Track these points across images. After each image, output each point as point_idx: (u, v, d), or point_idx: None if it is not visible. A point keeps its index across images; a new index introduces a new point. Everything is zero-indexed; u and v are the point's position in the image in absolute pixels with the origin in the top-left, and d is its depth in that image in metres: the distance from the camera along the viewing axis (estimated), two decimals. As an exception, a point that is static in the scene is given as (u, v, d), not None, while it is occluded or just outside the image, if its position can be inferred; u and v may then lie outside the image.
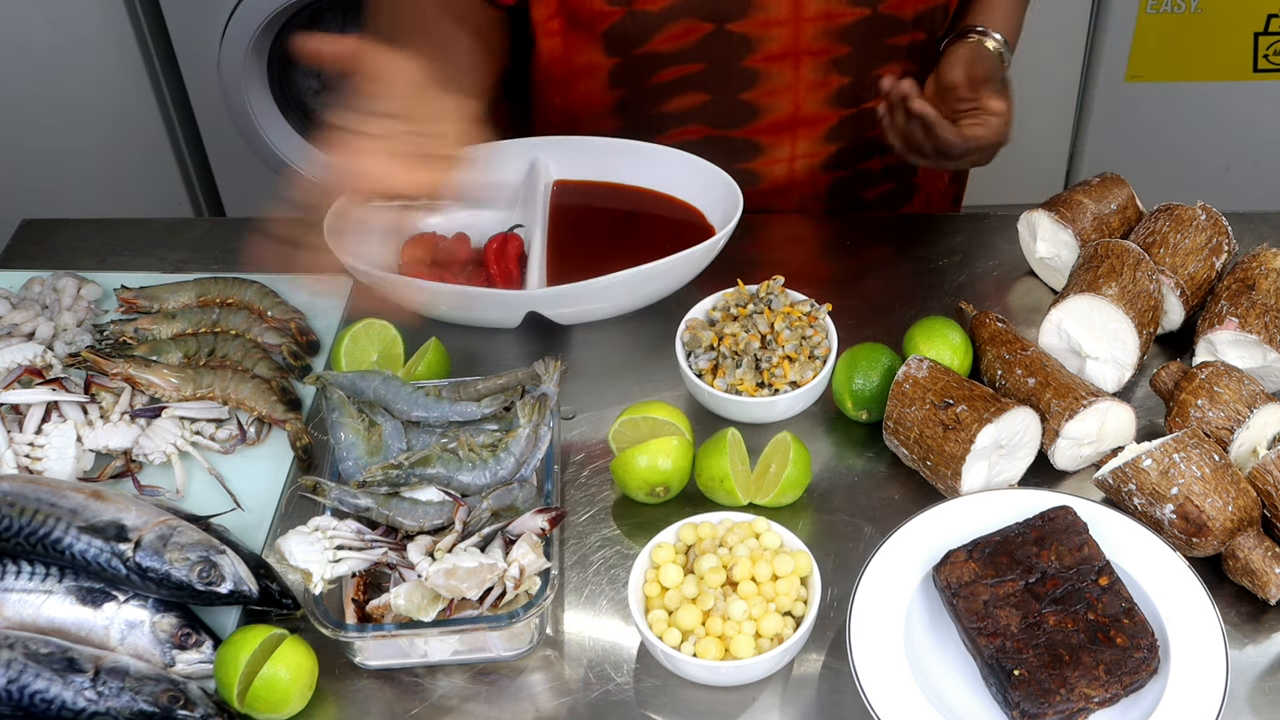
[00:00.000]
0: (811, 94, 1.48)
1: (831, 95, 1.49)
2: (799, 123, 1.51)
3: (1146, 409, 1.30)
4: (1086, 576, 1.09)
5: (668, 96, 1.49)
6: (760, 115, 1.50)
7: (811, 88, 1.48)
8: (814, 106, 1.50)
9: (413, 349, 1.36)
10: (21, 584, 1.12)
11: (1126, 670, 1.04)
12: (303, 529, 1.11)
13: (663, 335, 1.40)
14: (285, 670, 1.07)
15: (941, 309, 1.44)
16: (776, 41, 1.44)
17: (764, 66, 1.45)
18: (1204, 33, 2.75)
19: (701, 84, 1.47)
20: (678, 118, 1.51)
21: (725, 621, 1.09)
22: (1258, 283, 1.30)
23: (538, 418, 1.19)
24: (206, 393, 1.32)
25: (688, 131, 1.52)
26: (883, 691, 1.05)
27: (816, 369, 1.30)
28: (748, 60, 1.45)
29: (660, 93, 1.49)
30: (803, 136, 1.52)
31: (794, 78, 1.46)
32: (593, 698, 1.11)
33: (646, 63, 1.46)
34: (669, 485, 1.22)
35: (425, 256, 1.47)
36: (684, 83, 1.47)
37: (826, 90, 1.48)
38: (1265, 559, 1.13)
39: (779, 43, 1.44)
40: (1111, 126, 2.92)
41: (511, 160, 1.51)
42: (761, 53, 1.44)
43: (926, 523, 1.16)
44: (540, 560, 1.09)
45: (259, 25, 2.63)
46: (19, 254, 1.58)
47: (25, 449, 1.26)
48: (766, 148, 1.53)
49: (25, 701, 1.05)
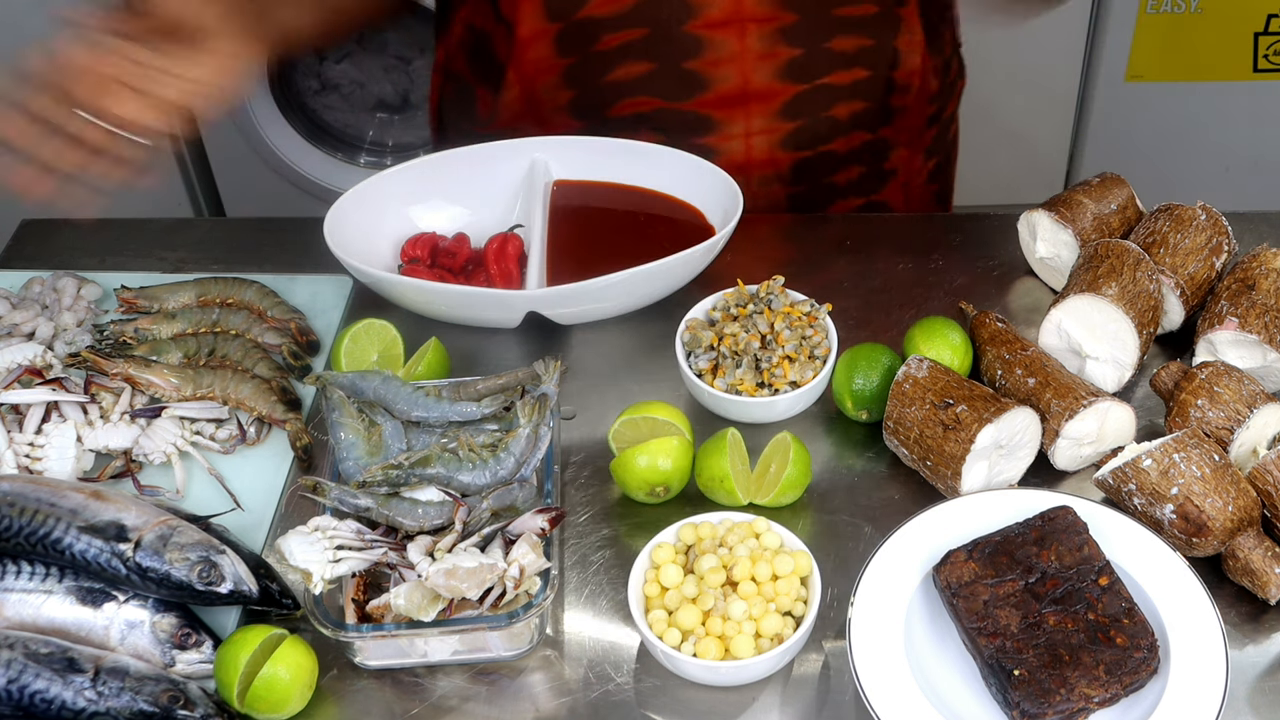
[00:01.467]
0: (761, 65, 1.45)
1: (782, 67, 1.46)
2: (750, 96, 1.47)
3: (1146, 409, 1.30)
4: (1086, 576, 1.09)
5: (613, 64, 1.46)
6: (708, 87, 1.46)
7: (760, 58, 1.44)
8: (764, 79, 1.46)
9: (413, 349, 1.36)
10: (21, 584, 1.12)
11: (1126, 670, 1.04)
12: (303, 529, 1.11)
13: (663, 335, 1.40)
14: (285, 670, 1.07)
15: (941, 309, 1.44)
16: (717, 7, 1.41)
17: (707, 34, 1.42)
18: (1204, 33, 2.75)
19: (645, 51, 1.44)
20: (627, 87, 1.48)
21: (725, 621, 1.09)
22: (1258, 283, 1.30)
23: (538, 418, 1.19)
24: (206, 393, 1.32)
25: (638, 103, 1.49)
26: (883, 691, 1.05)
27: (816, 369, 1.30)
28: (689, 25, 1.42)
29: (606, 61, 1.46)
30: (756, 112, 1.49)
31: (740, 46, 1.43)
32: (593, 698, 1.11)
33: (589, 28, 1.44)
34: (669, 485, 1.22)
35: (425, 256, 1.47)
36: (628, 50, 1.44)
37: (776, 61, 1.45)
38: (1265, 559, 1.13)
39: (720, 8, 1.41)
40: (1111, 126, 2.92)
41: (511, 160, 1.51)
42: (703, 19, 1.41)
43: (926, 523, 1.16)
44: (540, 560, 1.09)
45: (259, 25, 2.62)
46: (19, 254, 1.58)
47: (25, 449, 1.26)
48: (719, 123, 1.49)
49: (25, 701, 1.05)
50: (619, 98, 1.49)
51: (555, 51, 1.46)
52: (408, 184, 1.50)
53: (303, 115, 2.91)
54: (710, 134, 1.50)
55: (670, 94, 1.48)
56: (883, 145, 1.58)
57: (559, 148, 1.51)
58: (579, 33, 1.44)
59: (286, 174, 2.89)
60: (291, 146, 2.87)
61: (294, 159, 2.87)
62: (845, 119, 1.52)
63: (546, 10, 1.43)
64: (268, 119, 2.82)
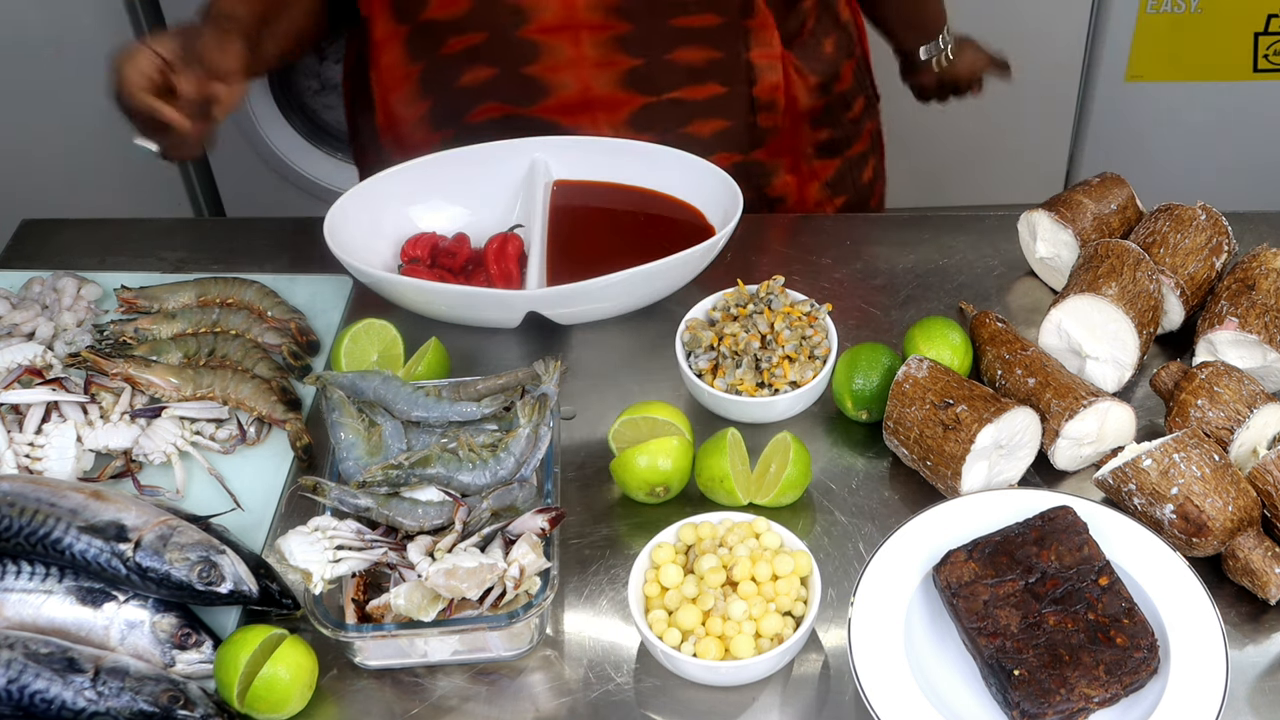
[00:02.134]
0: (599, 73, 1.45)
1: (623, 77, 1.45)
2: (593, 104, 1.47)
3: (1146, 409, 1.30)
4: (1086, 576, 1.09)
5: (460, 69, 1.46)
6: (549, 93, 1.46)
7: (597, 65, 1.44)
8: (605, 87, 1.46)
9: (413, 349, 1.36)
10: (21, 584, 1.12)
11: (1126, 670, 1.04)
12: (303, 529, 1.11)
13: (663, 335, 1.40)
14: (285, 670, 1.07)
15: (941, 309, 1.44)
16: (549, 11, 1.41)
17: (542, 39, 1.43)
18: (1204, 33, 2.75)
19: (487, 56, 1.45)
20: (475, 93, 1.48)
21: (725, 621, 1.09)
22: (1258, 283, 1.30)
23: (538, 418, 1.19)
24: (206, 393, 1.32)
25: (488, 109, 1.49)
26: (883, 691, 1.05)
27: (816, 369, 1.30)
28: (524, 31, 1.42)
29: (453, 66, 1.46)
30: (603, 120, 1.49)
31: (576, 53, 1.43)
32: (593, 698, 1.11)
33: (432, 31, 1.44)
34: (669, 485, 1.22)
35: (425, 256, 1.47)
36: (472, 54, 1.45)
37: (615, 70, 1.45)
38: (1265, 559, 1.13)
39: (552, 13, 1.41)
40: (1111, 126, 2.92)
41: (511, 160, 1.51)
42: (536, 23, 1.42)
43: (926, 523, 1.16)
44: (540, 560, 1.09)
45: (259, 25, 2.62)
46: (19, 254, 1.58)
47: (25, 449, 1.26)
48: (567, 130, 1.50)
49: (25, 701, 1.05)
50: (471, 104, 1.49)
51: (407, 56, 1.47)
52: (408, 184, 1.50)
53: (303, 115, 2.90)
54: None
55: (515, 99, 1.48)
56: (758, 169, 1.56)
57: (559, 148, 1.51)
58: (425, 36, 1.45)
59: (286, 174, 2.89)
60: (291, 146, 2.87)
61: (294, 159, 2.87)
62: (708, 137, 1.51)
63: (394, 13, 1.45)
64: (268, 119, 2.82)
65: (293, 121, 2.87)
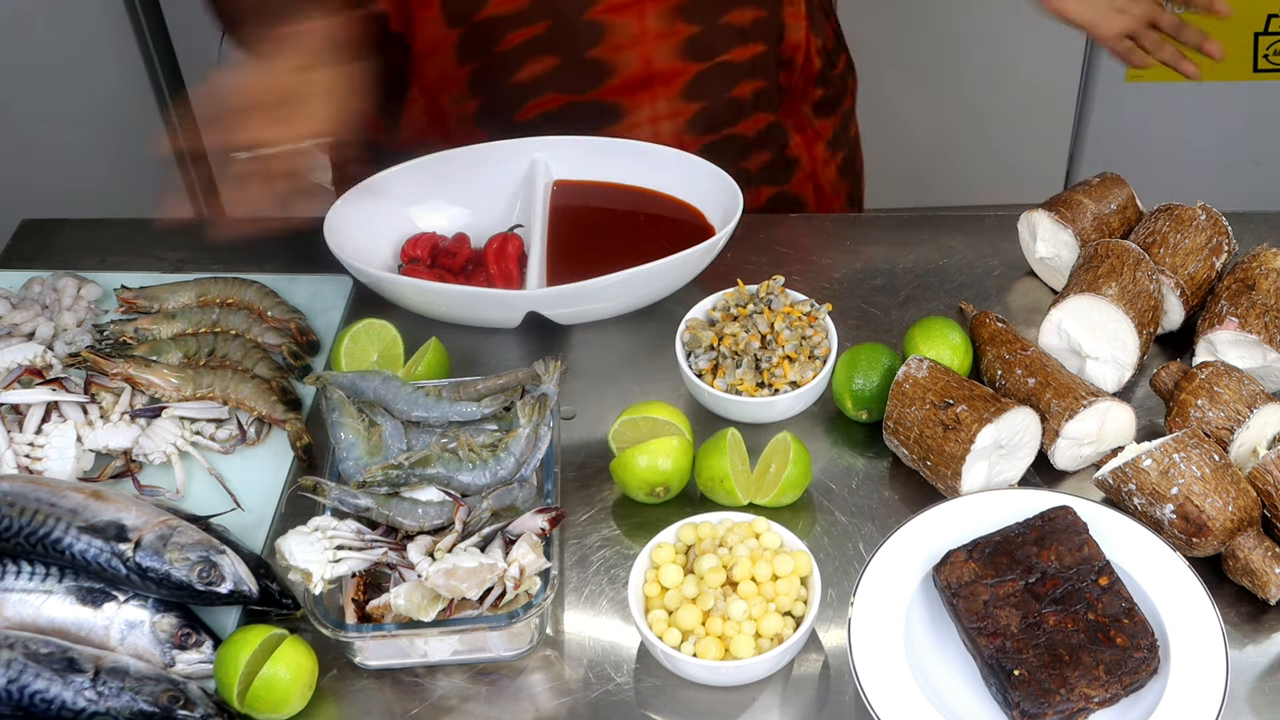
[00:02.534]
0: (660, 45, 1.45)
1: (682, 45, 1.46)
2: (654, 79, 1.48)
3: (1146, 409, 1.30)
4: (1086, 576, 1.09)
5: (517, 64, 1.46)
6: (613, 73, 1.47)
7: (659, 37, 1.45)
8: (666, 59, 1.47)
9: (413, 349, 1.36)
10: (21, 584, 1.12)
11: (1126, 670, 1.04)
12: (303, 529, 1.11)
13: (663, 335, 1.40)
14: (285, 670, 1.07)
15: (941, 309, 1.44)
16: None
17: (608, 18, 1.43)
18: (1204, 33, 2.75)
19: (548, 45, 1.45)
20: (532, 87, 1.48)
21: (725, 621, 1.09)
22: (1258, 283, 1.30)
23: (538, 418, 1.19)
24: (206, 393, 1.32)
25: (544, 102, 1.49)
26: (883, 691, 1.05)
27: (816, 369, 1.30)
28: (590, 13, 1.42)
29: (509, 61, 1.46)
30: (660, 95, 1.49)
31: (640, 28, 1.44)
32: (593, 698, 1.11)
33: (489, 29, 1.44)
34: (669, 485, 1.22)
35: (425, 256, 1.47)
36: (531, 46, 1.45)
37: (675, 40, 1.46)
38: (1265, 559, 1.13)
39: None
40: (1111, 126, 2.92)
41: (511, 160, 1.51)
42: (603, 4, 1.42)
43: (926, 523, 1.16)
44: (540, 560, 1.09)
45: (259, 25, 2.62)
46: (19, 254, 1.58)
47: (25, 449, 1.26)
48: (627, 110, 1.50)
49: (25, 701, 1.05)
50: (524, 99, 1.49)
51: (456, 60, 1.47)
52: (408, 184, 1.50)
53: (302, 115, 2.90)
54: (618, 123, 1.51)
55: (576, 86, 1.48)
56: (780, 130, 1.59)
57: (559, 148, 1.51)
58: (479, 36, 1.44)
59: (286, 174, 2.88)
60: (291, 146, 2.86)
61: (294, 159, 2.86)
62: (748, 99, 1.52)
63: (445, 17, 1.44)
64: (268, 119, 2.82)
65: (293, 121, 2.87)
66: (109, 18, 2.66)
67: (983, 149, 2.99)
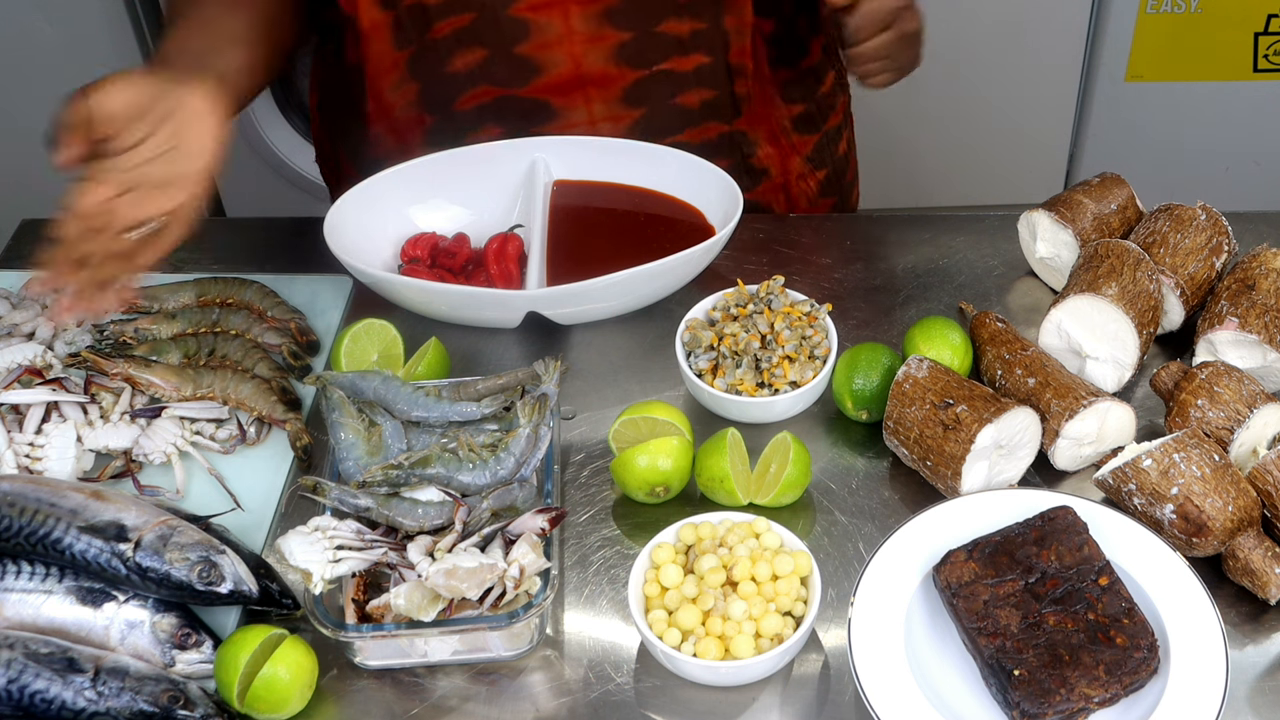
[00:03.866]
0: (591, 49, 1.44)
1: (614, 51, 1.45)
2: (587, 81, 1.47)
3: (1146, 409, 1.30)
4: (1086, 576, 1.09)
5: (450, 53, 1.46)
6: (541, 71, 1.46)
7: (588, 41, 1.44)
8: (598, 63, 1.46)
9: (413, 349, 1.36)
10: (21, 584, 1.12)
11: (1126, 670, 1.04)
12: (303, 529, 1.11)
13: (663, 335, 1.40)
14: (285, 670, 1.07)
15: (941, 309, 1.44)
16: None
17: (531, 15, 1.42)
18: (1204, 33, 2.75)
19: (477, 37, 1.44)
20: (466, 78, 1.47)
21: (725, 621, 1.09)
22: (1258, 283, 1.30)
23: (538, 418, 1.19)
24: (206, 393, 1.32)
25: (479, 94, 1.49)
26: (883, 691, 1.05)
27: (816, 369, 1.30)
28: (513, 9, 1.42)
29: (442, 50, 1.46)
30: (596, 97, 1.48)
31: (565, 28, 1.42)
32: (593, 698, 1.11)
33: (418, 15, 1.43)
34: (669, 485, 1.22)
35: (425, 256, 1.47)
36: (461, 36, 1.44)
37: (606, 45, 1.44)
38: (1265, 559, 1.13)
39: None
40: (1111, 126, 2.92)
41: (511, 160, 1.51)
42: (525, 1, 1.41)
43: (926, 523, 1.16)
44: (540, 560, 1.09)
45: (259, 25, 2.62)
46: (19, 254, 1.58)
47: (25, 449, 1.26)
48: (560, 110, 1.49)
49: (25, 701, 1.05)
50: (460, 90, 1.49)
51: (393, 43, 1.46)
52: (408, 184, 1.50)
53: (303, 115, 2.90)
54: (552, 122, 1.50)
55: (506, 80, 1.47)
56: (741, 138, 1.57)
57: (559, 148, 1.51)
58: (411, 20, 1.44)
59: (286, 174, 2.89)
60: (291, 146, 2.87)
61: (294, 159, 2.87)
62: (697, 107, 1.51)
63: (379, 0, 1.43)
64: (268, 119, 2.82)
65: (293, 121, 2.87)
66: (109, 18, 2.66)
67: (983, 149, 2.99)
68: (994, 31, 2.83)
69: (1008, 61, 2.86)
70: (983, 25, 2.82)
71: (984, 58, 2.86)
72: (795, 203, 1.66)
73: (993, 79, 2.88)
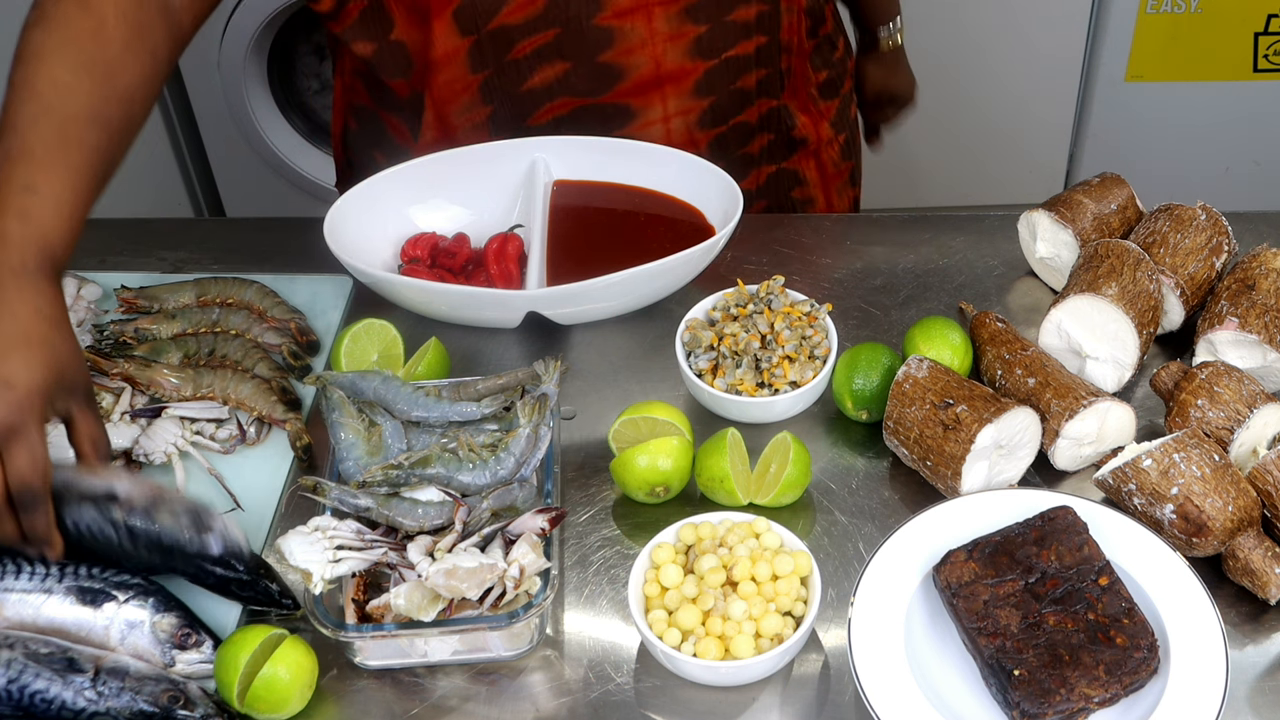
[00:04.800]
0: (670, 47, 1.46)
1: (690, 46, 1.46)
2: (664, 79, 1.48)
3: (1146, 409, 1.30)
4: (1086, 576, 1.09)
5: (530, 71, 1.46)
6: (623, 76, 1.47)
7: (668, 40, 1.45)
8: (675, 60, 1.47)
9: (413, 349, 1.36)
10: (21, 584, 1.12)
11: (1126, 670, 1.04)
12: (303, 529, 1.11)
13: (663, 335, 1.40)
14: (285, 670, 1.07)
15: (941, 309, 1.44)
16: None
17: (616, 23, 1.43)
18: (1204, 33, 2.75)
19: (558, 51, 1.45)
20: (544, 92, 1.48)
21: (725, 621, 1.09)
22: (1258, 283, 1.30)
23: (538, 418, 1.19)
24: (206, 393, 1.32)
25: (556, 106, 1.49)
26: (883, 691, 1.05)
27: (816, 369, 1.30)
28: (599, 19, 1.42)
29: (521, 68, 1.46)
30: (671, 94, 1.49)
31: (649, 31, 1.44)
32: (593, 698, 1.11)
33: (500, 38, 1.44)
34: (669, 485, 1.22)
35: (425, 256, 1.47)
36: (542, 53, 1.45)
37: (684, 41, 1.46)
38: (1265, 559, 1.13)
39: None
40: (1111, 126, 2.92)
41: (511, 160, 1.51)
42: (611, 9, 1.42)
43: (926, 523, 1.16)
44: (540, 560, 1.09)
45: (259, 25, 2.63)
46: (19, 254, 1.57)
47: (25, 449, 1.26)
48: (638, 110, 1.50)
49: (25, 701, 1.05)
50: (536, 105, 1.49)
51: (469, 68, 1.46)
52: (408, 184, 1.50)
53: (303, 115, 2.91)
54: (630, 124, 1.51)
55: (588, 90, 1.48)
56: (786, 112, 1.60)
57: (559, 148, 1.51)
58: (492, 44, 1.44)
59: (286, 174, 2.89)
60: (291, 146, 2.87)
61: (294, 159, 2.87)
62: (753, 88, 1.53)
63: (458, 27, 1.43)
64: (268, 119, 2.82)
65: (293, 121, 2.87)
66: (109, 18, 2.66)
67: (983, 149, 3.00)
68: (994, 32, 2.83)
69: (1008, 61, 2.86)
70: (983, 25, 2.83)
71: (984, 58, 2.86)
72: (824, 168, 1.68)
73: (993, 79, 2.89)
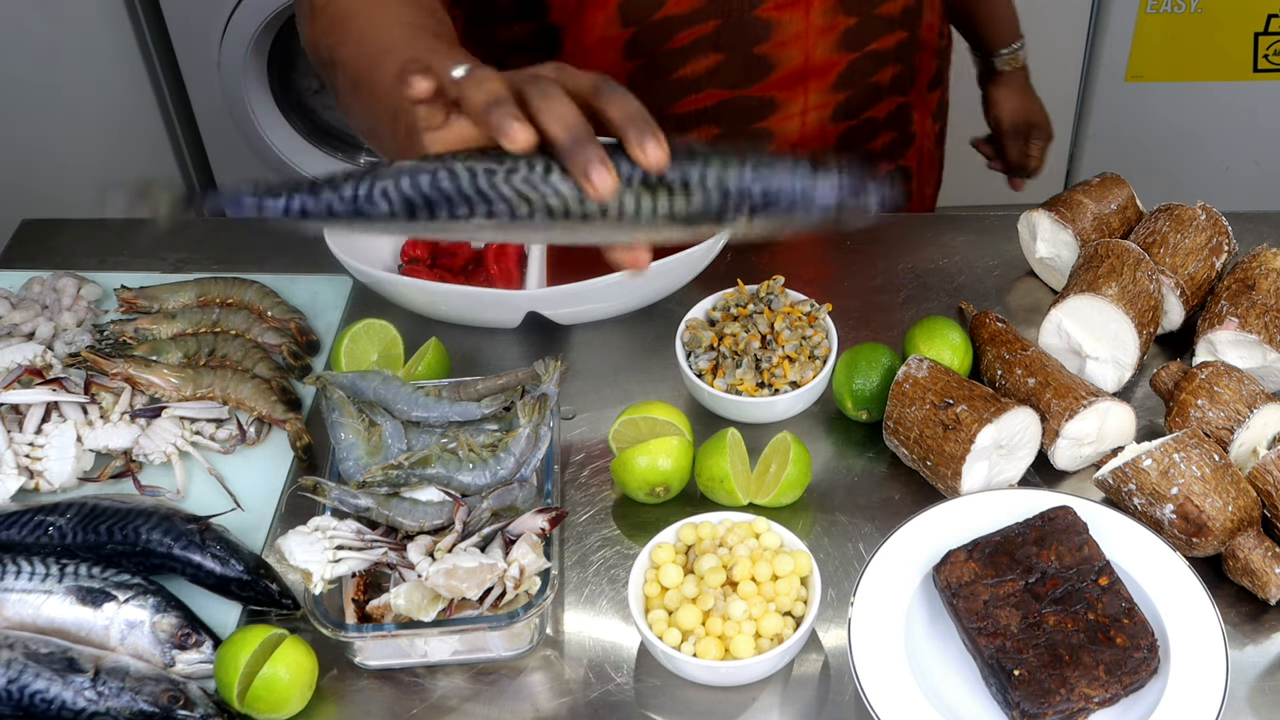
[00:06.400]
0: (821, 39, 1.46)
1: (839, 39, 1.47)
2: (810, 73, 1.49)
3: (1146, 409, 1.30)
4: (1086, 576, 1.09)
5: (682, 62, 1.47)
6: (774, 69, 1.48)
7: (821, 32, 1.46)
8: (823, 53, 1.48)
9: (413, 349, 1.36)
10: (21, 584, 1.12)
11: (1126, 670, 1.04)
12: (303, 529, 1.11)
13: (663, 335, 1.40)
14: (285, 670, 1.07)
15: (941, 309, 1.44)
16: None
17: (776, 15, 1.44)
18: (1204, 33, 2.75)
19: (714, 44, 1.45)
20: (692, 84, 1.48)
21: (725, 621, 1.09)
22: (1258, 283, 1.30)
23: (538, 418, 1.19)
24: (206, 393, 1.32)
25: (702, 98, 1.49)
26: (883, 691, 1.05)
27: (816, 369, 1.30)
28: (760, 10, 1.43)
29: (674, 59, 1.47)
30: (814, 88, 1.50)
31: (805, 24, 1.45)
32: (593, 698, 1.11)
33: (661, 29, 1.44)
34: (669, 485, 1.22)
35: (425, 256, 1.47)
36: (698, 45, 1.45)
37: (834, 34, 1.47)
38: (1265, 559, 1.13)
39: None
40: (1111, 126, 2.92)
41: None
42: (772, 1, 1.43)
43: (926, 523, 1.16)
44: (540, 560, 1.09)
45: (259, 25, 2.63)
46: (19, 254, 1.58)
47: (25, 449, 1.26)
48: (781, 103, 1.51)
49: (25, 701, 1.05)
50: (682, 95, 1.49)
51: (622, 56, 1.46)
52: (408, 184, 1.49)
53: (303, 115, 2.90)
54: (770, 116, 1.51)
55: (736, 83, 1.48)
56: (908, 109, 1.61)
57: None
58: (651, 35, 1.45)
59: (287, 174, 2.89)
60: (291, 146, 2.87)
61: (294, 159, 2.87)
62: (886, 84, 1.54)
63: (620, 17, 1.43)
64: (268, 119, 2.82)
65: (293, 121, 2.87)
66: (109, 18, 2.66)
67: (983, 149, 2.99)
68: (994, 31, 2.83)
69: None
70: (983, 25, 2.82)
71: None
72: (924, 158, 1.70)
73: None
